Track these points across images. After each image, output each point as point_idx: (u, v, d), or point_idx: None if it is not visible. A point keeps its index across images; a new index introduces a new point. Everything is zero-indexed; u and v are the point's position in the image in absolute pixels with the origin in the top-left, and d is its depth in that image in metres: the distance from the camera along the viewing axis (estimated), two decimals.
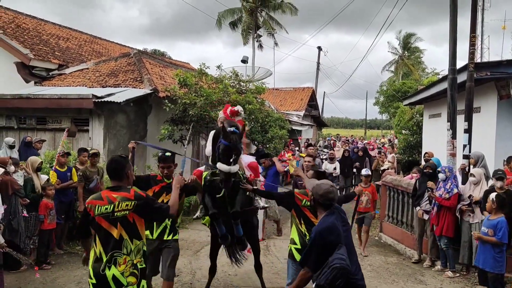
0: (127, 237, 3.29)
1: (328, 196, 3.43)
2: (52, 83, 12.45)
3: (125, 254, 3.28)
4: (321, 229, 3.32)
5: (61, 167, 7.18)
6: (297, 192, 4.46)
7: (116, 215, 3.28)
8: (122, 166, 3.46)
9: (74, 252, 7.20)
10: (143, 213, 3.37)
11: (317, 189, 3.48)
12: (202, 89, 10.90)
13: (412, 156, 15.88)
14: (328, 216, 3.39)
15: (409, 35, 46.69)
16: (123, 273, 3.26)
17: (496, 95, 8.15)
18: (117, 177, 3.44)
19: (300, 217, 4.37)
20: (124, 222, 3.29)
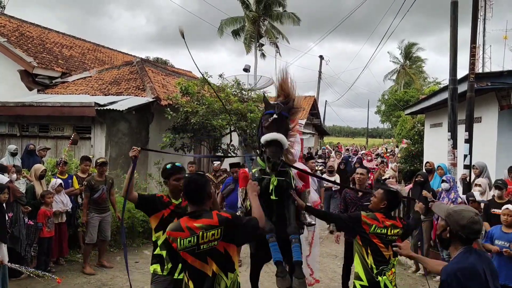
0: (220, 272, 2.79)
1: (473, 228, 2.54)
2: (55, 91, 12.52)
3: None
4: (456, 269, 2.45)
5: (62, 175, 7.22)
6: (364, 216, 3.73)
7: (204, 247, 2.76)
8: (203, 187, 2.92)
9: (74, 260, 7.20)
10: (233, 238, 2.83)
11: (458, 218, 2.57)
12: (204, 97, 10.97)
13: (414, 166, 15.87)
14: (466, 253, 2.52)
15: (411, 45, 46.92)
16: None
17: (497, 105, 8.17)
18: (198, 200, 2.89)
19: (367, 246, 3.67)
20: (214, 255, 2.79)
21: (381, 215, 3.71)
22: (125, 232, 7.90)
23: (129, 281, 4.03)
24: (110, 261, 7.30)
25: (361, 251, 3.70)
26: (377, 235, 3.62)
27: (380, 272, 3.59)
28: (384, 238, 3.62)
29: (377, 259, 3.61)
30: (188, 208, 2.98)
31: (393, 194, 3.82)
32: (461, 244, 2.58)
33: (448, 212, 2.66)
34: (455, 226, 2.57)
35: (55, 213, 6.56)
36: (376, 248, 3.63)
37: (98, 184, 6.80)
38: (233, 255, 2.87)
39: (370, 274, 3.60)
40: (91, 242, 6.79)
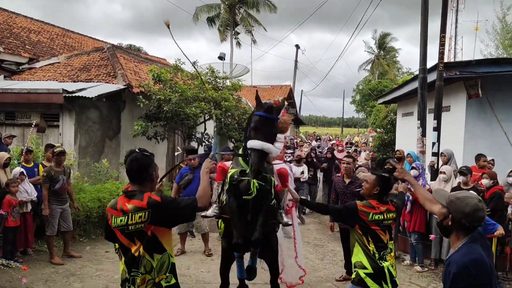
0: (145, 254, 2.79)
1: (477, 216, 2.44)
2: (22, 77, 12.10)
3: (144, 273, 2.79)
4: (469, 261, 2.35)
5: (27, 163, 7.00)
6: (360, 205, 3.69)
7: (131, 228, 2.77)
8: (145, 167, 2.90)
9: (42, 251, 7.04)
10: (162, 221, 2.81)
11: (461, 206, 2.45)
12: (177, 85, 10.80)
13: (386, 154, 16.12)
14: (473, 243, 2.43)
15: (384, 35, 47.47)
16: None
17: (465, 94, 8.34)
18: (137, 180, 2.89)
19: (367, 234, 3.63)
20: (141, 236, 2.78)
21: (375, 201, 3.71)
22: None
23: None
24: (79, 251, 7.17)
25: (361, 239, 3.64)
26: (375, 222, 3.62)
27: (381, 257, 3.59)
28: (381, 224, 3.62)
29: (377, 245, 3.60)
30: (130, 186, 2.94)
31: (385, 179, 3.79)
32: (463, 232, 2.46)
33: (450, 199, 2.54)
34: (458, 214, 2.45)
35: (20, 203, 6.37)
36: (376, 235, 3.61)
37: (58, 175, 6.54)
38: (163, 237, 2.84)
39: (374, 260, 3.57)
40: (53, 234, 6.61)
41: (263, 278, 6.18)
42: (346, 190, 6.04)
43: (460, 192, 2.70)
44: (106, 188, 8.28)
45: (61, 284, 5.76)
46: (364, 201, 3.77)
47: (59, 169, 6.63)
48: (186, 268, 6.54)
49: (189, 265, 6.68)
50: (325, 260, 7.26)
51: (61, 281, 5.87)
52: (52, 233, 6.59)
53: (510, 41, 24.35)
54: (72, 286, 5.70)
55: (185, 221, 3.31)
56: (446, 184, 6.56)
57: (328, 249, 7.90)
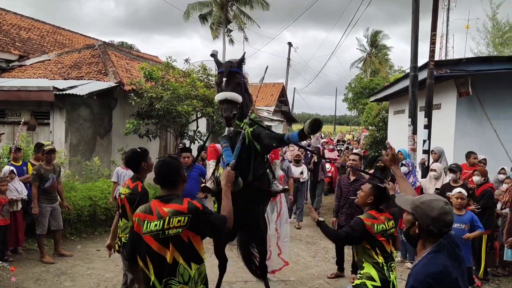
0: (184, 262, 2.68)
1: (445, 220, 2.21)
2: (12, 74, 11.98)
3: (182, 283, 2.67)
4: (428, 274, 2.10)
5: (16, 162, 6.93)
6: (364, 219, 3.60)
7: (168, 233, 2.66)
8: (176, 170, 2.85)
9: (33, 249, 6.99)
10: (199, 229, 2.72)
11: (427, 210, 2.22)
12: (169, 82, 10.76)
13: (378, 152, 16.22)
14: (435, 253, 2.19)
15: (376, 33, 47.60)
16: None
17: (455, 92, 8.40)
18: (170, 184, 2.82)
19: (374, 246, 3.56)
20: (177, 242, 2.67)
21: (374, 211, 3.67)
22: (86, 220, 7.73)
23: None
24: (70, 249, 7.13)
25: (369, 253, 3.58)
26: (380, 233, 3.58)
27: (389, 269, 3.56)
28: (385, 234, 3.60)
29: (384, 255, 3.57)
30: (161, 191, 2.89)
31: (380, 189, 3.74)
32: (431, 240, 2.24)
33: (414, 204, 2.30)
34: (425, 219, 2.22)
35: (10, 202, 6.31)
36: (382, 246, 3.57)
37: (48, 173, 6.47)
38: (198, 246, 2.74)
39: (383, 273, 3.52)
40: (43, 233, 6.56)
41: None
42: (350, 187, 6.15)
43: (425, 195, 2.42)
44: (97, 187, 8.23)
45: (52, 283, 5.73)
46: (365, 214, 3.70)
47: (49, 167, 6.56)
48: None
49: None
50: (317, 257, 7.29)
51: (52, 280, 5.83)
52: (42, 232, 6.53)
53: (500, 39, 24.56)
54: (63, 285, 5.66)
55: (213, 235, 3.19)
56: (437, 182, 6.61)
57: (320, 246, 7.93)
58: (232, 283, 5.89)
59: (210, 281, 5.53)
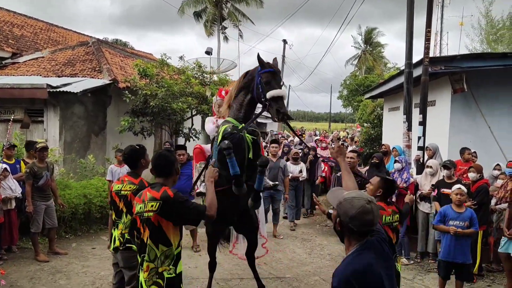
0: (151, 242, 3.01)
1: (364, 219, 2.13)
2: (5, 72, 11.88)
3: (148, 261, 3.02)
4: (351, 272, 2.08)
5: (9, 160, 6.87)
6: None
7: (144, 216, 3.06)
8: (172, 163, 3.25)
9: (27, 248, 6.94)
10: (169, 215, 3.03)
11: (347, 208, 2.16)
12: (163, 80, 10.72)
13: (373, 149, 16.25)
14: (361, 252, 2.15)
15: (371, 30, 47.66)
16: (146, 281, 3.02)
17: (450, 88, 8.42)
18: (162, 174, 3.22)
19: None
20: (149, 224, 3.03)
21: (382, 203, 3.72)
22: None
23: None
24: (65, 247, 7.09)
25: None
26: (387, 224, 3.64)
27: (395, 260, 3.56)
28: (391, 226, 3.64)
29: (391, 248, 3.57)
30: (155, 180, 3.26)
31: (389, 182, 3.84)
32: (354, 238, 2.18)
33: (339, 200, 2.23)
34: (345, 217, 2.16)
35: (3, 200, 6.26)
36: (389, 238, 3.49)
37: (41, 171, 6.43)
38: (168, 230, 3.04)
39: None
40: (37, 231, 6.52)
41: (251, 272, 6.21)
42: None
43: (352, 192, 2.34)
44: (92, 184, 8.18)
45: (47, 281, 5.69)
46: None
47: (42, 165, 6.51)
48: None
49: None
50: (312, 254, 7.30)
51: (46, 278, 5.80)
52: (37, 230, 6.49)
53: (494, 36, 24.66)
54: (58, 283, 5.63)
55: (190, 222, 3.51)
56: (433, 178, 6.63)
57: (316, 243, 7.94)
58: (227, 280, 5.89)
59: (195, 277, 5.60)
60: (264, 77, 4.14)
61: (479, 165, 6.33)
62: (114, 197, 4.00)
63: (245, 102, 4.39)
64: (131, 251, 3.92)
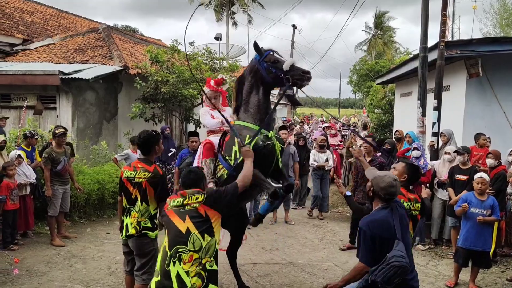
0: (196, 231, 3.02)
1: (389, 191, 3.15)
2: (16, 58, 11.93)
3: (190, 251, 3.01)
4: (368, 220, 3.13)
5: (27, 147, 6.97)
6: None
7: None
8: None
9: (43, 233, 7.04)
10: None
11: (379, 181, 3.21)
12: (174, 66, 10.67)
13: (384, 135, 16.13)
14: (381, 209, 3.18)
15: (382, 14, 46.87)
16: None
17: (465, 73, 8.27)
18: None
19: None
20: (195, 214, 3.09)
21: (403, 189, 3.70)
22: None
23: None
24: (80, 232, 7.19)
25: None
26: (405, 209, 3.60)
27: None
28: (409, 213, 3.62)
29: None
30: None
31: (414, 168, 3.92)
32: (380, 201, 3.23)
33: (373, 176, 3.35)
34: (376, 187, 3.22)
35: (18, 186, 6.34)
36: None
37: (59, 156, 6.52)
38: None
39: None
40: (54, 215, 6.61)
41: (264, 258, 6.26)
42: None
43: (383, 171, 3.54)
44: (105, 170, 8.25)
45: (63, 265, 5.78)
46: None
47: (60, 150, 6.61)
48: None
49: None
50: (324, 240, 7.31)
51: (62, 262, 5.88)
52: (54, 214, 6.59)
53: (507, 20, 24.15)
54: (74, 268, 5.71)
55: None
56: (451, 165, 6.53)
57: (328, 229, 7.95)
58: (240, 265, 5.91)
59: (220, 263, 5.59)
60: (268, 59, 4.07)
61: (497, 151, 6.20)
62: (126, 183, 3.98)
63: (261, 100, 4.16)
64: (146, 237, 3.95)
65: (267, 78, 4.07)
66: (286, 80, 3.92)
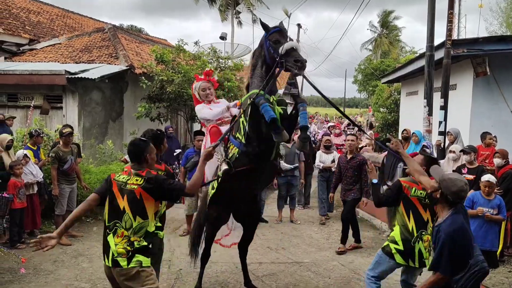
0: (130, 212, 3.13)
1: (460, 195, 3.13)
2: (23, 58, 12.02)
3: (124, 228, 3.13)
4: (453, 230, 3.05)
5: (33, 145, 7.02)
6: (403, 181, 3.86)
7: (127, 187, 3.21)
8: (141, 150, 3.36)
9: (49, 231, 7.04)
10: (151, 192, 3.20)
11: (450, 184, 3.12)
12: (179, 65, 10.70)
13: (390, 134, 16.06)
14: (455, 214, 3.12)
15: (388, 13, 46.66)
16: (117, 244, 3.13)
17: (472, 72, 8.22)
18: (136, 160, 3.37)
19: (409, 210, 3.76)
20: (131, 196, 3.16)
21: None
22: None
23: None
24: (87, 231, 7.22)
25: (402, 215, 3.78)
26: (417, 197, 3.73)
27: (419, 236, 3.70)
28: (422, 201, 3.72)
29: (418, 222, 3.71)
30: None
31: (432, 161, 3.96)
32: (448, 205, 3.16)
33: (443, 178, 3.22)
34: (446, 190, 3.12)
35: (25, 185, 6.38)
36: (417, 211, 3.73)
37: (66, 155, 6.58)
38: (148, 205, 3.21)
39: (409, 238, 3.70)
40: (61, 214, 6.65)
41: (270, 257, 6.26)
42: (347, 165, 6.72)
43: (453, 174, 3.50)
44: (111, 170, 8.25)
45: (70, 264, 5.80)
46: (408, 177, 3.93)
47: (67, 149, 6.68)
48: None
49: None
50: (330, 239, 7.29)
51: (69, 261, 5.91)
52: (61, 212, 6.62)
53: None
54: (80, 266, 5.74)
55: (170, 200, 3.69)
56: (455, 163, 6.50)
57: (333, 228, 7.93)
58: (260, 263, 5.93)
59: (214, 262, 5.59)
60: (272, 38, 3.97)
61: (505, 150, 6.15)
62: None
63: (264, 73, 4.10)
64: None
65: (267, 57, 4.03)
66: (280, 64, 3.84)
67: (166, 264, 5.76)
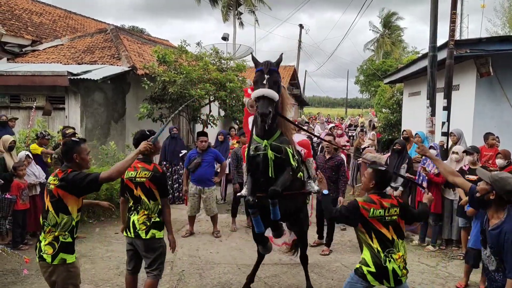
0: (52, 210, 3.36)
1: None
2: (26, 59, 12.03)
3: (49, 225, 3.39)
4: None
5: (39, 147, 7.06)
6: (361, 202, 3.52)
7: (49, 187, 3.42)
8: (68, 150, 3.49)
9: None
10: (67, 189, 3.35)
11: (504, 183, 3.10)
12: (181, 66, 10.70)
13: (392, 135, 16.03)
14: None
15: (390, 14, 46.61)
16: (43, 240, 3.42)
17: (475, 72, 8.20)
18: (65, 159, 3.57)
19: (370, 231, 3.49)
20: (51, 194, 3.39)
21: (376, 196, 3.54)
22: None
23: None
24: (89, 232, 7.22)
25: (365, 238, 3.52)
26: (376, 218, 3.46)
27: (387, 256, 3.44)
28: (383, 220, 3.48)
29: (382, 242, 3.46)
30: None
31: (381, 173, 3.61)
32: (502, 205, 3.14)
33: (494, 178, 3.17)
34: (501, 190, 3.08)
35: (28, 186, 6.38)
36: (378, 231, 3.47)
37: None
38: (67, 200, 3.36)
39: (378, 259, 3.44)
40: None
41: (272, 258, 6.24)
42: (325, 164, 6.68)
43: (502, 173, 3.43)
44: None
45: None
46: (365, 196, 3.61)
47: None
48: (195, 249, 6.57)
49: (198, 246, 6.72)
50: (333, 240, 7.27)
51: None
52: None
53: None
54: (83, 267, 5.72)
55: (88, 192, 3.67)
56: (458, 164, 6.48)
57: (336, 229, 7.90)
58: (249, 265, 5.89)
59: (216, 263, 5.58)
60: (254, 78, 4.07)
61: (507, 151, 6.13)
62: (128, 184, 4.07)
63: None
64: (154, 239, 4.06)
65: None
66: (257, 109, 3.94)
67: (169, 265, 5.75)
